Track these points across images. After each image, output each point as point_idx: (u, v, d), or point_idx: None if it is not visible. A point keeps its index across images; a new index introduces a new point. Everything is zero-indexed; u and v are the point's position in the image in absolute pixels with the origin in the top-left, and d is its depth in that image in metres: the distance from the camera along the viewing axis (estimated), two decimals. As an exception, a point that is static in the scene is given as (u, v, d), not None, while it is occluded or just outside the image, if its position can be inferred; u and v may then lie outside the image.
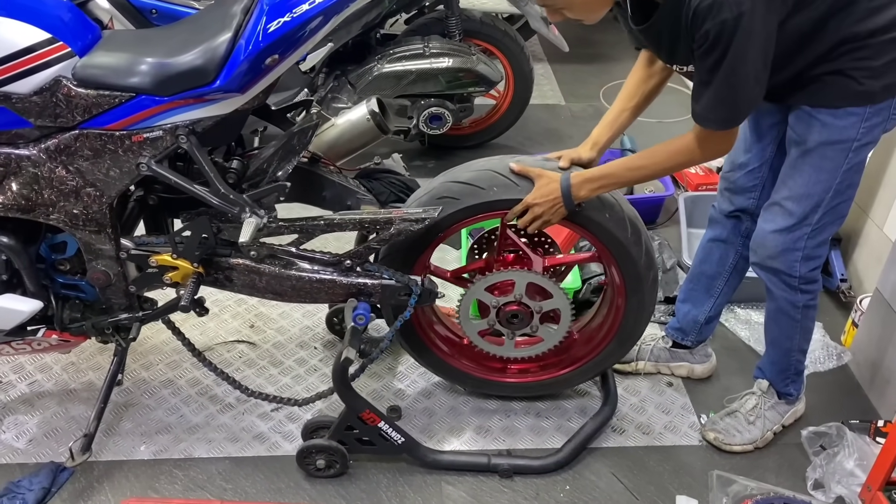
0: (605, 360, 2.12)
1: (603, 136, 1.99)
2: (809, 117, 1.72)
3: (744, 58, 1.54)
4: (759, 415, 2.10)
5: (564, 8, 1.62)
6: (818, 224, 1.80)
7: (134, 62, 1.60)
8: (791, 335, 1.99)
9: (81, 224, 1.73)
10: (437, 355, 2.15)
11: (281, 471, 2.02)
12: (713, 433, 2.11)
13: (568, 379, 2.18)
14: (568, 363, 2.17)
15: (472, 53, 3.07)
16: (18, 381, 2.28)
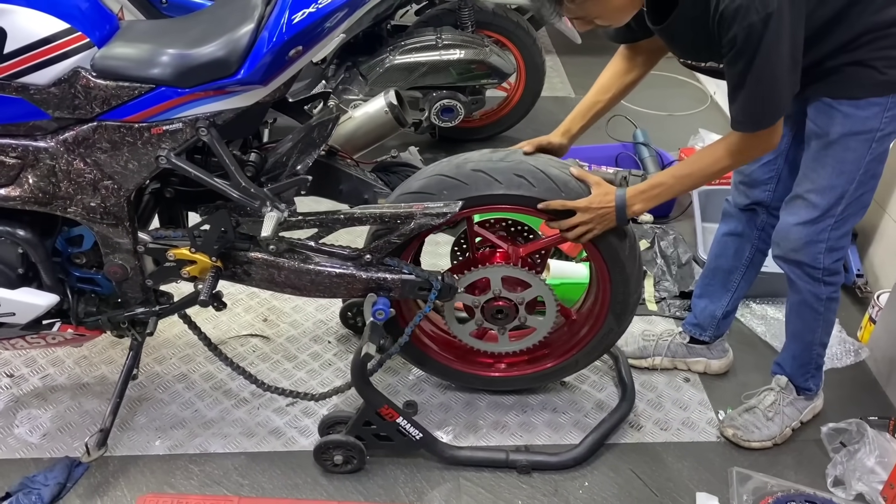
0: (606, 336, 2.05)
1: (575, 125, 1.99)
2: (830, 109, 1.71)
3: (774, 58, 1.53)
4: (777, 411, 2.09)
5: (596, 17, 1.61)
6: (842, 215, 1.79)
7: (154, 53, 1.57)
8: (814, 328, 1.98)
9: (99, 217, 1.71)
10: (430, 356, 2.14)
11: (298, 466, 2.01)
12: (732, 429, 2.09)
13: (573, 364, 2.13)
14: (568, 349, 2.13)
15: (484, 45, 3.05)
16: (30, 374, 2.26)
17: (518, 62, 3.32)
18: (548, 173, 1.80)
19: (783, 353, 2.12)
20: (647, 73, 1.96)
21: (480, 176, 1.79)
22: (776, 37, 1.51)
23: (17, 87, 1.55)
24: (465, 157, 1.86)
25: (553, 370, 2.14)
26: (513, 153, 1.86)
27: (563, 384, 2.29)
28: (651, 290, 2.63)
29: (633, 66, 1.94)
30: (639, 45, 1.90)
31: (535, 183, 1.78)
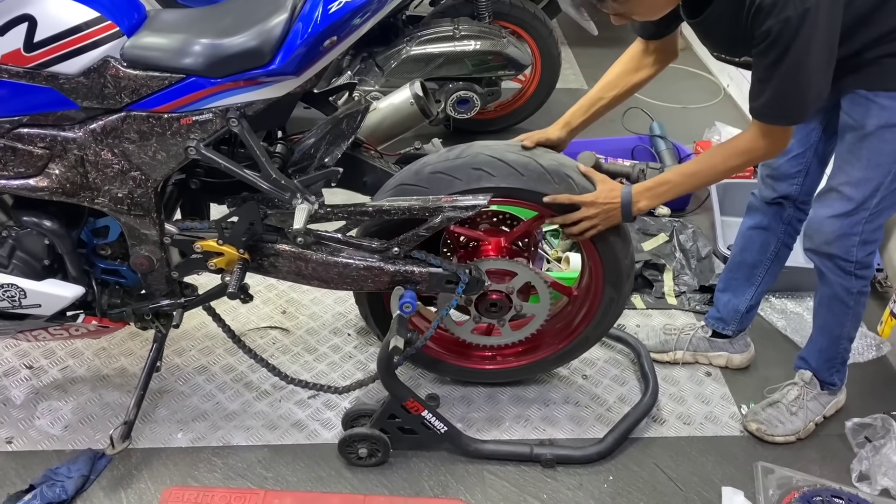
0: (610, 307, 2.01)
1: (576, 119, 1.97)
2: (867, 101, 1.70)
3: (808, 54, 1.52)
4: (801, 405, 2.08)
5: (633, 13, 1.60)
6: (877, 208, 1.78)
7: (185, 43, 1.55)
8: (843, 322, 1.97)
9: (126, 208, 1.69)
10: (442, 360, 2.14)
11: (321, 459, 2.00)
12: (755, 423, 2.09)
13: (584, 340, 2.10)
14: (575, 327, 2.11)
15: (502, 36, 3.03)
16: (50, 366, 2.25)
17: (534, 54, 3.30)
18: (505, 160, 1.78)
19: (809, 346, 2.11)
20: (654, 76, 1.96)
21: (440, 177, 1.77)
22: (811, 33, 1.49)
23: (47, 76, 1.53)
24: (423, 161, 1.84)
25: (568, 350, 2.11)
26: (469, 148, 1.84)
27: (584, 378, 2.28)
28: (671, 284, 2.62)
29: (641, 66, 1.93)
30: (653, 43, 1.89)
31: (494, 172, 1.77)
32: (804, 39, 1.50)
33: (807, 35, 1.49)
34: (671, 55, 1.94)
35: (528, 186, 1.77)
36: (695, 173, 1.77)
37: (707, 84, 4.10)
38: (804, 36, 1.49)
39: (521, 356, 2.17)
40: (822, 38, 1.52)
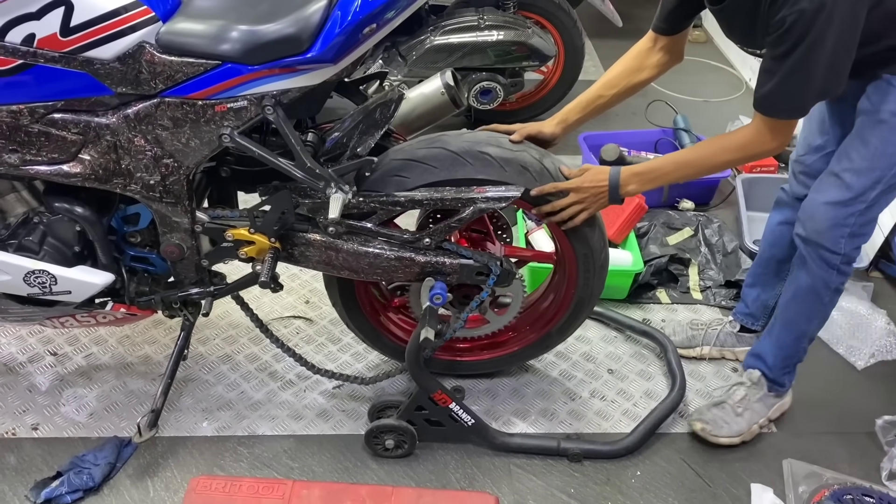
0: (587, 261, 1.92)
1: (573, 116, 1.94)
2: (888, 86, 1.65)
3: (818, 48, 1.49)
4: (746, 406, 2.04)
5: None
6: (873, 201, 1.73)
7: (221, 29, 1.53)
8: (811, 318, 1.92)
9: (158, 195, 1.68)
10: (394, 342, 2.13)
11: (346, 449, 2.00)
12: (700, 423, 2.05)
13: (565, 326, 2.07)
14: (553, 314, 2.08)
15: (526, 27, 3.00)
16: (74, 353, 2.24)
17: (557, 44, 3.27)
18: (415, 158, 1.75)
19: (766, 342, 2.04)
20: (655, 78, 1.93)
21: (392, 179, 1.74)
22: (824, 28, 1.47)
23: (82, 61, 1.52)
24: (386, 153, 1.80)
25: (569, 318, 2.04)
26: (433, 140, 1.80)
27: (610, 372, 2.27)
28: (696, 279, 2.61)
29: (644, 66, 1.90)
30: (662, 41, 1.87)
31: (438, 165, 1.74)
32: (817, 33, 1.47)
33: (820, 29, 1.46)
34: (676, 58, 1.91)
35: (445, 176, 1.73)
36: (689, 163, 1.74)
37: (729, 78, 4.06)
38: (817, 30, 1.46)
39: (517, 340, 2.14)
40: (836, 33, 1.48)
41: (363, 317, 2.06)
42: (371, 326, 2.08)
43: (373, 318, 2.08)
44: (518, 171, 1.74)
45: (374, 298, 2.09)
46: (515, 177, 1.74)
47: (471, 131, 1.86)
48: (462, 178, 1.73)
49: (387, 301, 2.13)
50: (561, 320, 2.04)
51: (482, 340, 2.14)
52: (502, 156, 1.75)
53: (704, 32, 4.47)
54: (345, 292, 1.99)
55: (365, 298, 2.04)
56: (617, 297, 2.52)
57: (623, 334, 2.41)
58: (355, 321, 2.06)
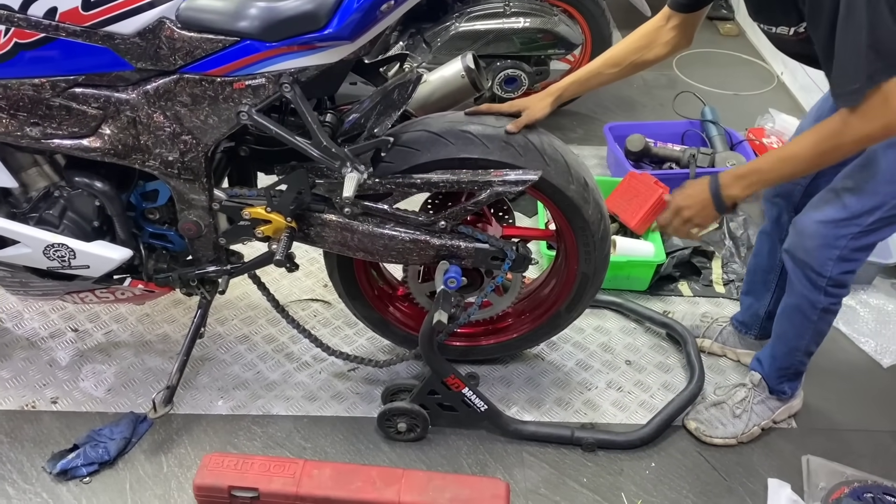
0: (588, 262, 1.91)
1: (567, 92, 1.86)
2: None
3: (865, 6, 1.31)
4: (746, 408, 1.99)
5: None
6: (869, 227, 1.62)
7: (240, 5, 1.53)
8: (802, 334, 1.84)
9: (176, 172, 1.69)
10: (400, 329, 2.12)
11: (359, 431, 2.00)
12: (695, 423, 2.01)
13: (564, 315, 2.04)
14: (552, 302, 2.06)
15: (553, 14, 2.97)
16: (95, 329, 2.27)
17: (585, 33, 3.23)
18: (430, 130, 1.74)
19: (765, 350, 2.00)
20: (661, 59, 1.83)
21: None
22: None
23: (103, 35, 1.53)
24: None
25: (576, 295, 1.99)
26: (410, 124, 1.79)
27: (628, 363, 2.24)
28: (719, 272, 2.56)
29: (653, 45, 1.81)
30: (676, 18, 1.78)
31: (420, 148, 1.72)
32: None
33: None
34: (686, 41, 1.81)
35: (428, 158, 1.72)
36: (790, 157, 1.53)
37: (760, 71, 3.99)
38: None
39: (526, 322, 2.12)
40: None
41: (369, 306, 2.06)
42: (378, 316, 2.08)
43: (378, 306, 2.08)
44: (501, 148, 1.73)
45: (379, 287, 2.09)
46: (499, 153, 1.72)
47: (455, 112, 1.84)
48: (444, 159, 1.71)
49: (393, 290, 2.12)
50: (567, 298, 2.00)
51: (489, 324, 2.12)
52: (485, 132, 1.73)
53: (736, 25, 4.40)
54: (347, 282, 2.00)
55: (368, 288, 2.05)
56: (638, 289, 2.49)
57: (642, 326, 2.38)
58: (361, 311, 2.07)
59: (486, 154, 1.73)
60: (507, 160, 1.73)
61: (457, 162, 1.73)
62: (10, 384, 2.08)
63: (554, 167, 1.77)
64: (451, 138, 1.73)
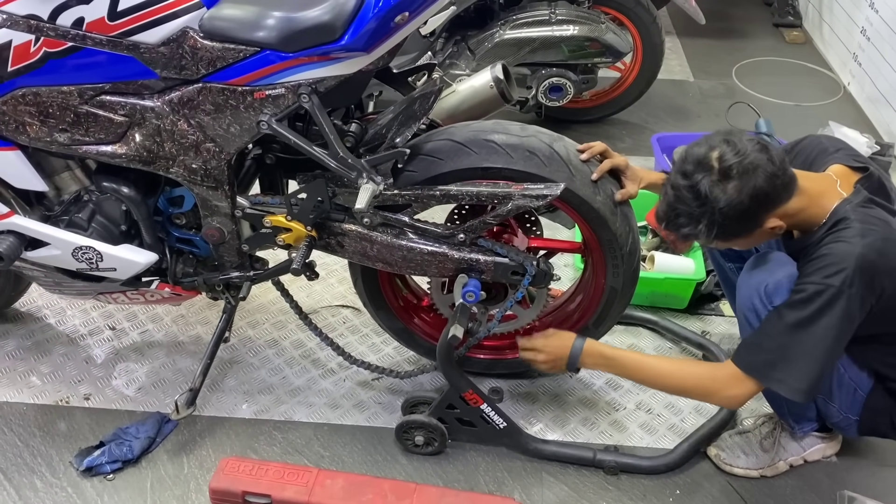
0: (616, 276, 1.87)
1: (652, 187, 1.85)
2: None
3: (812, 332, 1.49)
4: (775, 442, 1.89)
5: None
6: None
7: (260, 15, 1.55)
8: (779, 402, 1.82)
9: (199, 179, 1.71)
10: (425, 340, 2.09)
11: (378, 442, 1.99)
12: (716, 449, 1.92)
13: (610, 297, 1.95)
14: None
15: (600, 22, 2.91)
16: (131, 328, 2.33)
17: (635, 41, 3.15)
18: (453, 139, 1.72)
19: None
20: None
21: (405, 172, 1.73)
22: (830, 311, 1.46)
23: (129, 45, 1.56)
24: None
25: (603, 310, 1.95)
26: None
27: (659, 384, 2.16)
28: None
29: None
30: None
31: (443, 157, 1.71)
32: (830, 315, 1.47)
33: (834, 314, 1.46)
34: None
35: (450, 167, 1.70)
36: (649, 370, 1.71)
37: (825, 81, 3.82)
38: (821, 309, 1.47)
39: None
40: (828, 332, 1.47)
41: (393, 316, 2.05)
42: (402, 326, 2.06)
43: (403, 316, 2.06)
44: (525, 157, 1.69)
45: (403, 297, 2.08)
46: (523, 162, 1.68)
47: (480, 121, 1.81)
48: (466, 168, 1.69)
49: (418, 300, 2.11)
50: (595, 313, 1.95)
51: (515, 338, 2.08)
52: (508, 142, 1.70)
53: (803, 33, 4.22)
54: (371, 292, 1.99)
55: (393, 298, 2.03)
56: (676, 307, 2.40)
57: (678, 346, 2.29)
58: (385, 321, 2.06)
59: (509, 164, 1.70)
60: (530, 170, 1.69)
61: (479, 171, 1.71)
62: (48, 379, 2.16)
63: (580, 178, 1.72)
64: (475, 147, 1.70)
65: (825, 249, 1.49)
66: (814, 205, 1.55)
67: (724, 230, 1.50)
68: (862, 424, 1.71)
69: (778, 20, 4.27)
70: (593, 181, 1.73)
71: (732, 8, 4.29)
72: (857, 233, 1.47)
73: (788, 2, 4.36)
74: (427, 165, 1.72)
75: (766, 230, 1.53)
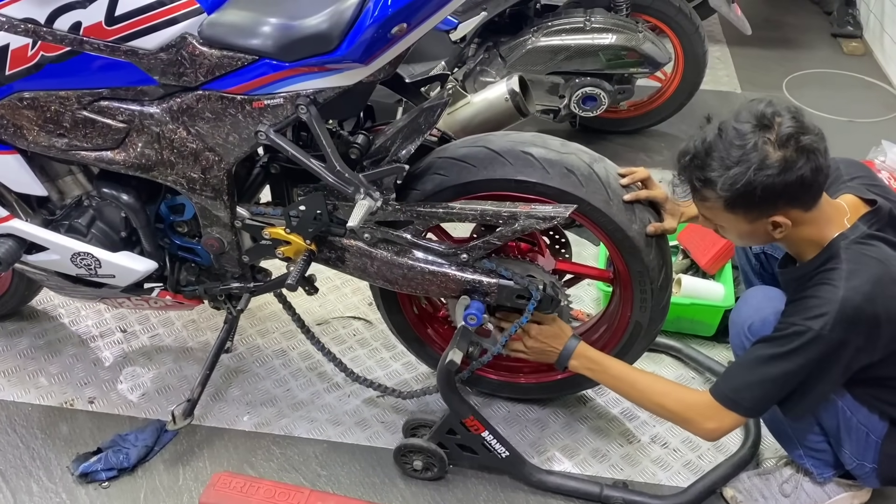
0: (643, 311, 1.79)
1: (695, 216, 1.73)
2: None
3: (786, 367, 1.47)
4: (796, 487, 1.75)
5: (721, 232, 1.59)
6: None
7: (258, 23, 1.50)
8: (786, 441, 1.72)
9: (198, 188, 1.67)
10: (436, 351, 2.01)
11: (378, 464, 1.92)
12: (732, 490, 1.79)
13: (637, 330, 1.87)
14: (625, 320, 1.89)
15: (638, 31, 2.79)
16: (142, 332, 2.32)
17: (676, 51, 3.02)
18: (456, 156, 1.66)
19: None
20: None
21: (433, 176, 1.68)
22: (805, 352, 1.44)
23: (127, 50, 1.52)
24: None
25: (625, 345, 1.87)
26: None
27: (678, 416, 2.05)
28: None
29: None
30: None
31: (476, 164, 1.65)
32: (796, 350, 1.44)
33: (815, 353, 1.43)
34: None
35: (483, 176, 1.64)
36: (629, 382, 1.69)
37: (883, 96, 3.61)
38: (800, 346, 1.44)
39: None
40: (797, 367, 1.46)
41: (407, 323, 1.97)
42: (414, 335, 1.99)
43: (417, 325, 1.99)
44: (562, 174, 1.60)
45: (420, 306, 2.01)
46: (559, 180, 1.60)
47: (520, 133, 1.72)
48: (499, 179, 1.61)
49: (435, 310, 2.03)
50: (616, 346, 1.86)
51: (529, 363, 1.99)
52: (546, 157, 1.61)
53: (863, 44, 4.00)
54: (388, 296, 1.92)
55: (409, 305, 1.96)
56: (703, 334, 2.28)
57: (702, 376, 2.17)
58: (398, 327, 1.98)
59: (544, 179, 1.62)
60: (566, 189, 1.62)
61: (512, 184, 1.64)
62: (55, 380, 2.15)
63: (616, 203, 1.64)
64: (511, 158, 1.63)
65: (811, 291, 1.45)
66: (818, 230, 1.49)
67: (743, 196, 1.41)
68: (881, 472, 1.59)
69: (836, 30, 4.06)
70: (626, 202, 1.65)
71: (787, 16, 4.09)
72: (843, 275, 1.42)
73: (849, 11, 4.14)
74: (459, 171, 1.65)
75: (769, 226, 1.46)
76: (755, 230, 1.49)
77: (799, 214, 1.45)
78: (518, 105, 1.83)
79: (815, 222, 1.48)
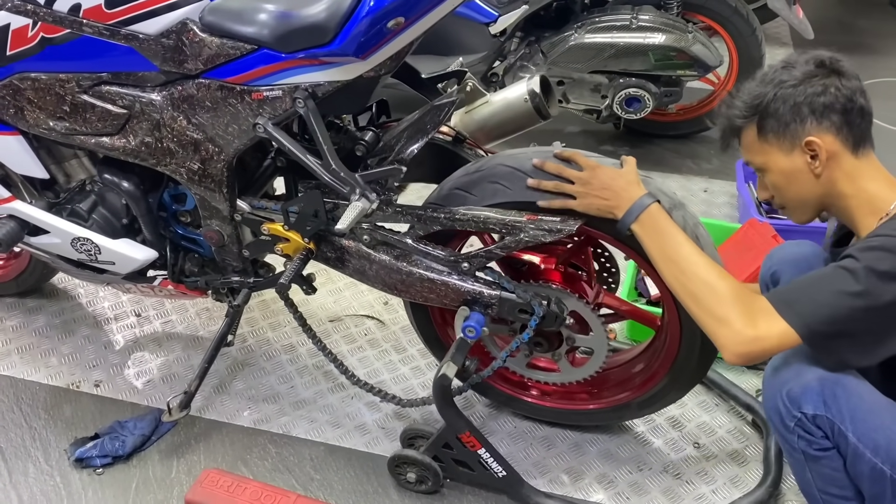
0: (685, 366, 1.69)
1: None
2: None
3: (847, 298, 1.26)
4: None
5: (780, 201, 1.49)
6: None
7: (258, 11, 1.44)
8: (804, 477, 1.46)
9: (197, 179, 1.63)
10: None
11: (372, 472, 1.86)
12: None
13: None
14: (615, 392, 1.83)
15: (687, 31, 2.63)
16: (155, 317, 2.31)
17: (731, 53, 2.85)
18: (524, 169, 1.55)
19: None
20: None
21: (457, 193, 1.59)
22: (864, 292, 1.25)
23: (127, 34, 1.49)
24: (449, 178, 1.64)
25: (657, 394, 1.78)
26: (491, 159, 1.61)
27: (696, 446, 1.92)
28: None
29: None
30: None
31: (511, 185, 1.55)
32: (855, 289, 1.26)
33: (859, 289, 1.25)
34: None
35: (516, 198, 1.53)
36: (682, 262, 1.40)
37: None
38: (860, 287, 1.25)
39: (586, 398, 1.88)
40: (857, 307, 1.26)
41: (429, 320, 1.87)
42: (435, 333, 1.90)
43: (438, 322, 1.89)
44: None
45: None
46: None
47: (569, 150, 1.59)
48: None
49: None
50: (646, 393, 1.76)
51: (548, 386, 1.89)
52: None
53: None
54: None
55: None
56: (733, 357, 2.13)
57: (726, 403, 2.03)
58: (419, 322, 1.89)
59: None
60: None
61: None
62: (66, 360, 2.16)
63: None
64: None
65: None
66: (875, 189, 1.36)
67: (768, 114, 1.38)
68: None
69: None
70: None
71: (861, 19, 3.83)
72: None
73: (931, 16, 3.87)
74: (492, 192, 1.55)
75: (808, 157, 1.37)
76: (794, 165, 1.39)
77: (839, 148, 1.36)
78: (538, 107, 1.72)
79: (868, 177, 1.36)
